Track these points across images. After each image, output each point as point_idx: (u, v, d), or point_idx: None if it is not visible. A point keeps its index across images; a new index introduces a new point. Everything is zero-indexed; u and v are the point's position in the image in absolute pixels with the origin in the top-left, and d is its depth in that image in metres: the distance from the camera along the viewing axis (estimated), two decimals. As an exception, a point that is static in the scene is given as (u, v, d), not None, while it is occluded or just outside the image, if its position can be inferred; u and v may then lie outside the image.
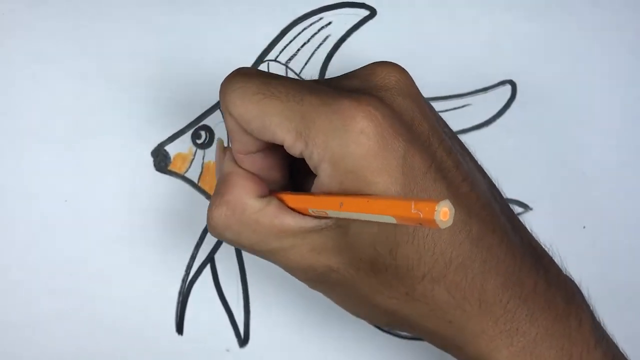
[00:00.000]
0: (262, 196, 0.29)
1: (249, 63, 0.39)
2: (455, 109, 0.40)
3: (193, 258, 0.38)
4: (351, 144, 0.25)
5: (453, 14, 0.40)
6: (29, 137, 0.38)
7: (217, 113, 0.39)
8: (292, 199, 0.28)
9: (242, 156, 0.30)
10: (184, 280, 0.38)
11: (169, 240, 0.38)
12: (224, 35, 0.39)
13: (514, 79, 0.41)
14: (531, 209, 0.40)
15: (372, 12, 0.40)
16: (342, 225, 0.27)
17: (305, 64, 0.39)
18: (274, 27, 0.39)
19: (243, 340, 0.38)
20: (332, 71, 0.39)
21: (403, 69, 0.29)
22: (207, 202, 0.38)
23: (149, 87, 0.38)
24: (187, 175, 0.38)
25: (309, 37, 0.39)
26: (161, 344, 0.38)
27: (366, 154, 0.26)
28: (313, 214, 0.28)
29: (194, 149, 0.38)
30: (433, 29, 0.40)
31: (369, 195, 0.26)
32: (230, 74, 0.29)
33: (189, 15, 0.39)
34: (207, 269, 0.38)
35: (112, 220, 0.38)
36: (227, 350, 0.38)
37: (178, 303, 0.38)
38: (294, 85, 0.27)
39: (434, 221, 0.21)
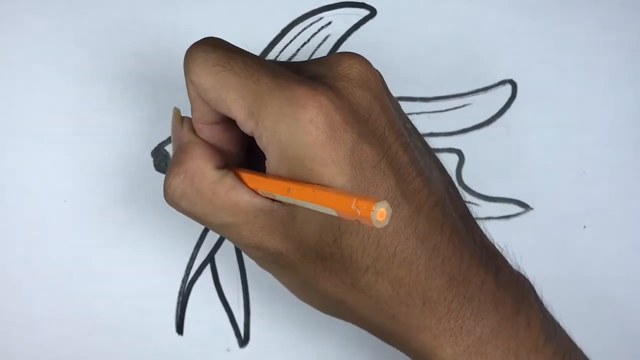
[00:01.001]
0: (220, 168, 0.29)
1: (249, 63, 0.39)
2: (455, 108, 0.40)
3: (193, 258, 0.38)
4: (299, 132, 0.26)
5: (453, 13, 0.40)
6: (29, 137, 0.38)
7: (217, 113, 0.39)
8: (246, 176, 0.28)
9: (201, 126, 0.30)
10: (184, 281, 0.38)
11: (169, 240, 0.38)
12: (224, 35, 0.39)
13: (514, 79, 0.41)
14: (531, 208, 0.40)
15: (372, 12, 0.40)
16: (290, 211, 0.28)
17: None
18: (274, 26, 0.39)
19: (243, 340, 0.38)
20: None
21: (368, 62, 0.28)
22: (207, 202, 0.38)
23: (149, 87, 0.38)
24: (187, 175, 0.38)
25: (309, 37, 0.39)
26: (161, 344, 0.38)
27: (313, 144, 0.26)
28: (263, 194, 0.28)
29: (194, 149, 0.38)
30: (433, 29, 0.40)
31: (315, 185, 0.26)
32: (197, 41, 0.29)
33: (189, 15, 0.39)
34: (207, 269, 0.38)
35: (112, 220, 0.38)
36: (228, 350, 0.38)
37: (178, 303, 0.38)
38: (254, 64, 0.27)
39: (370, 220, 0.21)
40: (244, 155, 0.31)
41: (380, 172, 0.27)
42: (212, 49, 0.28)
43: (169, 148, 0.38)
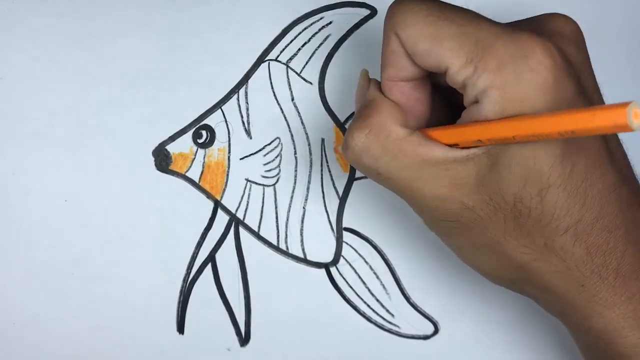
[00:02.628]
0: (406, 127, 0.28)
1: (249, 63, 0.39)
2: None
3: (194, 257, 0.38)
4: (527, 71, 0.25)
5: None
6: (29, 137, 0.38)
7: (218, 112, 0.39)
8: (439, 131, 0.27)
9: (391, 84, 0.29)
10: (184, 280, 0.38)
11: (169, 240, 0.38)
12: (224, 35, 0.39)
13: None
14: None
15: (373, 12, 0.40)
16: (491, 158, 0.26)
17: (306, 63, 0.39)
18: (274, 26, 0.39)
19: (244, 339, 0.38)
20: (333, 71, 0.39)
21: (577, 23, 0.28)
22: (208, 202, 0.38)
23: (149, 87, 0.38)
24: (188, 174, 0.38)
25: (310, 36, 0.39)
26: (162, 344, 0.38)
27: (541, 85, 0.25)
28: (462, 144, 0.27)
29: (195, 148, 0.38)
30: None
31: (541, 113, 0.24)
32: None
33: (190, 15, 0.39)
34: (208, 268, 0.38)
35: (112, 220, 0.38)
36: (228, 350, 0.38)
37: (179, 302, 0.38)
38: (470, 12, 0.26)
39: (626, 120, 0.20)
40: (427, 119, 0.30)
41: None
42: (422, 1, 0.27)
43: (170, 147, 0.38)
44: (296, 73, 0.39)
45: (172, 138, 0.38)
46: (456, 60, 0.26)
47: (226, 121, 0.39)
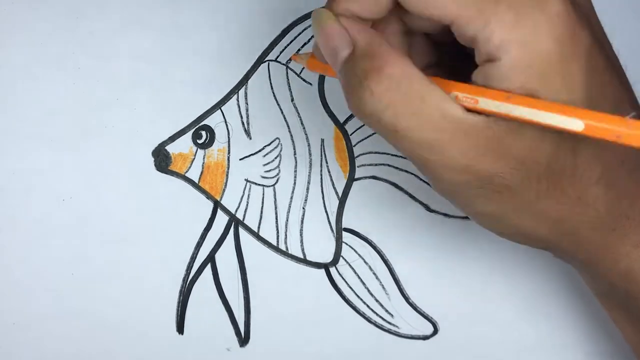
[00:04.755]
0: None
1: (249, 63, 0.39)
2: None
3: (193, 258, 0.38)
4: (545, 24, 0.23)
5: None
6: (29, 137, 0.38)
7: (218, 113, 0.39)
8: (458, 86, 0.25)
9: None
10: (184, 280, 0.38)
11: (169, 240, 0.38)
12: (224, 36, 0.39)
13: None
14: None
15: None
16: (513, 126, 0.24)
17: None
18: (274, 26, 0.39)
19: (243, 339, 0.38)
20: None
21: None
22: (208, 202, 0.38)
23: (149, 87, 0.38)
24: (188, 175, 0.38)
25: (310, 37, 0.39)
26: (162, 344, 0.38)
27: (560, 37, 0.23)
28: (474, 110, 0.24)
29: (195, 149, 0.38)
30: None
31: (562, 104, 0.23)
32: None
33: (190, 15, 0.39)
34: (208, 269, 0.38)
35: (112, 220, 0.38)
36: (228, 350, 0.38)
37: (178, 302, 0.38)
38: None
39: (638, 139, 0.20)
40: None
41: (608, 78, 0.25)
42: None
43: (170, 148, 0.38)
44: (296, 73, 0.39)
45: (172, 138, 0.38)
46: (464, 11, 0.24)
47: (226, 122, 0.39)
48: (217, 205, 0.38)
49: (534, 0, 0.23)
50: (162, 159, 0.38)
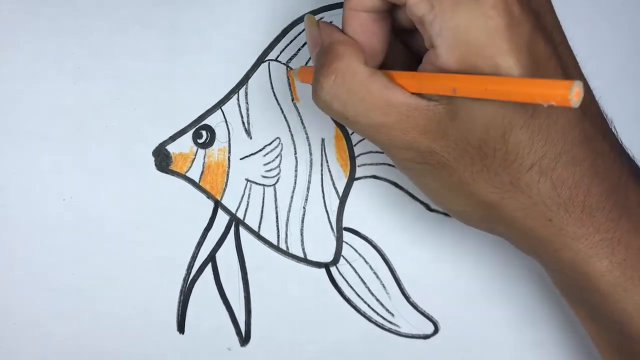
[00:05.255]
0: (368, 65, 0.28)
1: (249, 63, 0.39)
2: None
3: (194, 257, 0.38)
4: (480, 16, 0.25)
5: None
6: (29, 137, 0.38)
7: (218, 112, 0.39)
8: (397, 75, 0.28)
9: (353, 14, 0.29)
10: (185, 280, 0.38)
11: (170, 240, 0.38)
12: (224, 35, 0.39)
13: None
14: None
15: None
16: (449, 107, 0.27)
17: (306, 64, 0.39)
18: (274, 26, 0.39)
19: (244, 339, 0.38)
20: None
21: None
22: (208, 202, 0.38)
23: (149, 87, 0.38)
24: (188, 174, 0.38)
25: (310, 37, 0.39)
26: (163, 343, 0.38)
27: (494, 29, 0.25)
28: (421, 93, 0.27)
29: (195, 148, 0.38)
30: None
31: (493, 76, 0.25)
32: None
33: (190, 15, 0.39)
34: (209, 268, 0.38)
35: (112, 220, 0.38)
36: (229, 349, 0.38)
37: (179, 302, 0.38)
38: None
39: (568, 99, 0.21)
40: (383, 58, 0.30)
41: (551, 68, 0.26)
42: None
43: (170, 148, 0.38)
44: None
45: (173, 138, 0.38)
46: None
47: (226, 121, 0.39)
48: (217, 204, 0.38)
49: None
50: (162, 159, 0.38)
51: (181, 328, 0.38)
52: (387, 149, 0.29)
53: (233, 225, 0.38)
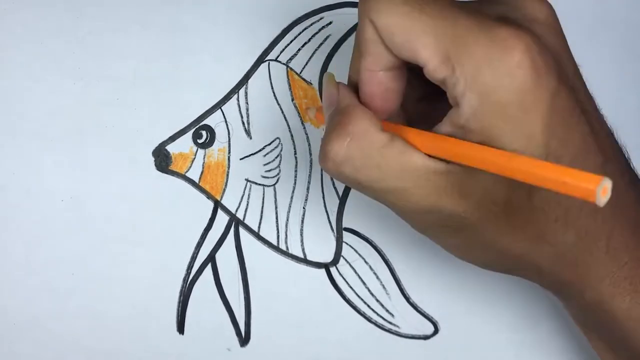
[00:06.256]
0: (384, 131, 0.27)
1: (249, 63, 0.39)
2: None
3: (194, 258, 0.38)
4: (506, 76, 0.24)
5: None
6: (29, 137, 0.38)
7: (218, 112, 0.39)
8: (419, 135, 0.26)
9: (370, 74, 0.27)
10: (185, 280, 0.38)
11: (169, 240, 0.38)
12: (224, 35, 0.39)
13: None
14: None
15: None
16: (471, 170, 0.25)
17: (306, 64, 0.39)
18: (274, 27, 0.39)
19: (244, 339, 0.38)
20: (333, 71, 0.39)
21: (550, 5, 0.27)
22: (208, 202, 0.38)
23: (149, 87, 0.38)
24: (188, 175, 0.38)
25: (310, 37, 0.39)
26: (162, 344, 0.38)
27: (520, 89, 0.24)
28: (440, 156, 0.26)
29: (195, 148, 0.38)
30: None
31: (515, 154, 0.24)
32: None
33: (190, 15, 0.39)
34: (208, 269, 0.38)
35: (112, 220, 0.38)
36: (229, 350, 0.38)
37: (179, 302, 0.38)
38: (447, 3, 0.25)
39: (594, 197, 0.20)
40: (402, 115, 0.30)
41: (575, 119, 0.26)
42: None
43: (170, 148, 0.38)
44: (296, 73, 0.39)
45: (172, 138, 0.38)
46: (433, 57, 0.25)
47: (226, 121, 0.39)
48: (217, 205, 0.38)
49: (496, 49, 0.24)
50: (162, 159, 0.38)
51: (181, 328, 0.38)
52: (405, 213, 0.28)
53: (233, 226, 0.38)
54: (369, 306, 0.39)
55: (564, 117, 0.25)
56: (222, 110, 0.39)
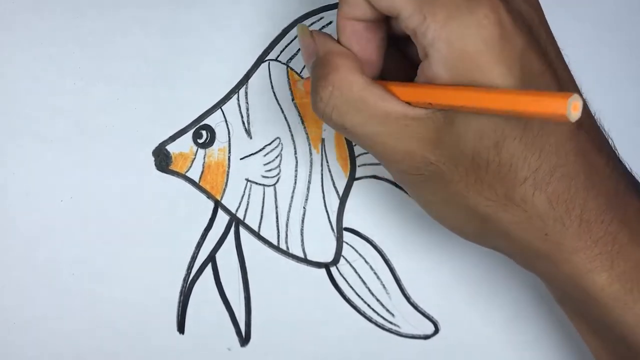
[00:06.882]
0: (365, 75, 0.28)
1: (249, 63, 0.39)
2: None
3: (194, 257, 0.38)
4: (473, 26, 0.25)
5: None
6: (29, 137, 0.38)
7: (218, 112, 0.39)
8: (396, 86, 0.28)
9: (345, 23, 0.29)
10: (185, 280, 0.38)
11: (169, 240, 0.38)
12: (224, 35, 0.39)
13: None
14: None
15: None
16: (447, 116, 0.27)
17: (305, 66, 0.39)
18: (274, 27, 0.39)
19: (244, 339, 0.38)
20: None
21: None
22: (208, 202, 0.38)
23: (149, 87, 0.38)
24: (188, 174, 0.38)
25: (310, 37, 0.39)
26: (163, 344, 0.38)
27: (487, 39, 0.25)
28: (416, 104, 0.27)
29: (195, 148, 0.38)
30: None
31: (487, 87, 0.25)
32: None
33: (190, 15, 0.39)
34: (208, 269, 0.38)
35: (112, 220, 0.38)
36: (229, 350, 0.38)
37: (179, 302, 0.38)
38: None
39: (565, 114, 0.21)
40: (379, 68, 0.30)
41: (545, 82, 0.26)
42: None
43: (170, 147, 0.38)
44: (296, 73, 0.39)
45: (172, 138, 0.38)
46: (407, 5, 0.26)
47: (226, 121, 0.39)
48: (217, 204, 0.38)
49: (465, 3, 0.25)
50: (162, 159, 0.38)
51: (181, 328, 0.38)
52: (384, 159, 0.29)
53: (233, 225, 0.38)
54: (369, 306, 0.39)
55: (532, 78, 0.25)
56: (222, 110, 0.39)
